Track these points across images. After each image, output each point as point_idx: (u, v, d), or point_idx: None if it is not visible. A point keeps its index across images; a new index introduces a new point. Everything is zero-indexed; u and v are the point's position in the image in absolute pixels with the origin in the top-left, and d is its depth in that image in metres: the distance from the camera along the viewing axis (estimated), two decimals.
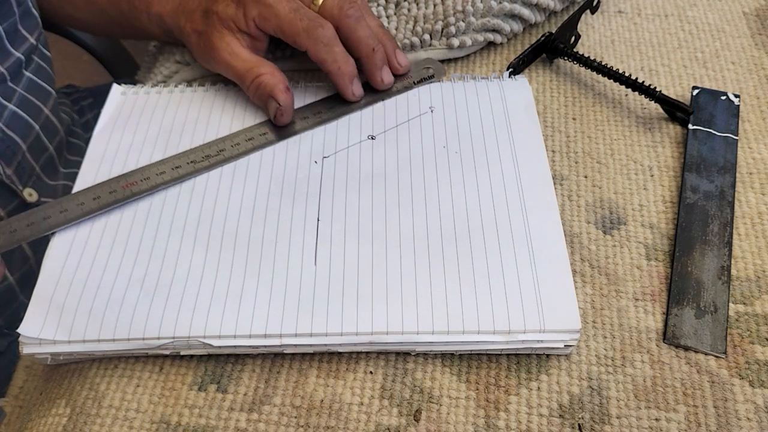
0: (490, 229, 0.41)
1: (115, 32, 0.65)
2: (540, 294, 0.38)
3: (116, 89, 0.53)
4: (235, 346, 0.38)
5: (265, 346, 0.38)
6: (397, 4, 0.58)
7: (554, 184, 0.45)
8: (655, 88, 0.49)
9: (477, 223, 0.42)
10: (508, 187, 0.44)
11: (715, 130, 0.48)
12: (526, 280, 0.39)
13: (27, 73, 0.57)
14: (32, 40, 0.58)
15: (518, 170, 0.45)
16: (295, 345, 0.38)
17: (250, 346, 0.38)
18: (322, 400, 0.37)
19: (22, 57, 0.56)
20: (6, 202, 0.52)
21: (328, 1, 0.47)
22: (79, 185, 0.46)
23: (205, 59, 0.50)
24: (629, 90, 0.50)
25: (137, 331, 0.38)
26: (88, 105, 0.77)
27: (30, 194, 0.55)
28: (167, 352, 0.39)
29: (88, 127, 0.70)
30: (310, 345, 0.38)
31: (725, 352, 0.38)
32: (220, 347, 0.38)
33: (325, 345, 0.38)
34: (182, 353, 0.39)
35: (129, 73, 0.75)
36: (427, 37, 0.54)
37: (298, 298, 0.39)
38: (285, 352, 0.38)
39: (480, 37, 0.54)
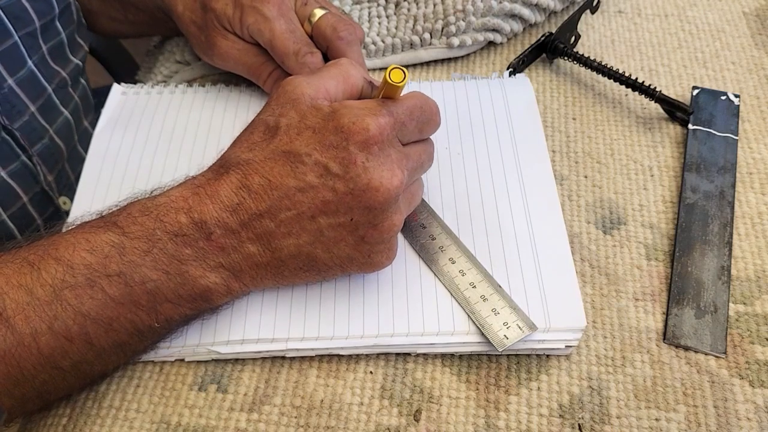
0: (494, 230, 0.42)
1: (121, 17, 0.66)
2: (545, 294, 0.38)
3: (116, 89, 0.53)
4: (240, 352, 0.38)
5: (269, 351, 0.38)
6: (397, 4, 0.58)
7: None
8: (655, 88, 0.49)
9: (480, 224, 0.42)
10: (511, 188, 0.44)
11: (715, 130, 0.48)
12: (530, 281, 0.39)
13: (82, 81, 0.59)
14: (86, 48, 0.59)
15: (520, 169, 0.45)
16: (299, 349, 0.38)
17: (255, 352, 0.38)
18: (322, 400, 0.37)
19: (81, 63, 0.57)
20: (43, 209, 0.53)
21: (323, 20, 0.46)
22: (82, 183, 0.46)
23: (206, 54, 0.51)
24: (629, 90, 0.50)
25: None
26: (93, 105, 0.77)
27: (65, 202, 0.55)
28: (173, 359, 0.39)
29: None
30: (314, 349, 0.38)
31: (725, 352, 0.38)
32: (225, 354, 0.38)
33: (329, 348, 0.38)
34: (187, 360, 0.39)
35: (129, 73, 0.75)
36: (427, 36, 0.54)
37: (305, 303, 0.39)
38: (287, 356, 0.38)
39: (480, 37, 0.54)
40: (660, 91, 0.48)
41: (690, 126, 0.48)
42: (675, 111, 0.49)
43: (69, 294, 0.33)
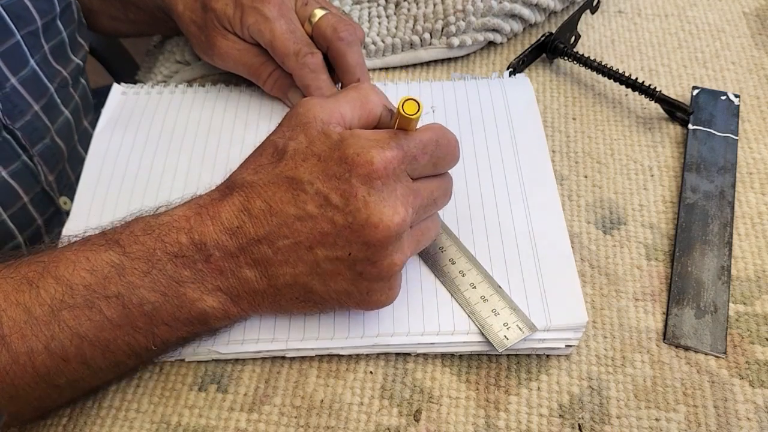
0: (494, 230, 0.42)
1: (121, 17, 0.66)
2: (545, 292, 0.38)
3: (116, 89, 0.53)
4: (240, 352, 0.38)
5: (269, 351, 0.38)
6: (397, 4, 0.58)
7: None
8: (655, 88, 0.49)
9: (480, 224, 0.42)
10: (511, 188, 0.44)
11: (715, 130, 0.48)
12: (530, 280, 0.39)
13: (82, 81, 0.58)
14: (87, 48, 0.59)
15: (521, 169, 0.45)
16: (299, 349, 0.38)
17: (255, 351, 0.38)
18: (322, 400, 0.37)
19: (81, 63, 0.57)
20: (44, 209, 0.53)
21: (323, 20, 0.46)
22: (82, 183, 0.46)
23: (206, 54, 0.51)
24: (629, 90, 0.50)
25: None
26: (93, 105, 0.77)
27: (65, 202, 0.55)
28: (173, 359, 0.39)
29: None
30: (314, 348, 0.38)
31: (725, 352, 0.38)
32: (225, 353, 0.38)
33: (328, 348, 0.38)
34: (187, 360, 0.39)
35: (129, 73, 0.75)
36: (427, 36, 0.54)
37: None
38: (287, 356, 0.38)
39: (480, 37, 0.54)
40: (660, 91, 0.48)
41: (690, 126, 0.48)
42: (675, 111, 0.49)
43: (67, 315, 0.32)
